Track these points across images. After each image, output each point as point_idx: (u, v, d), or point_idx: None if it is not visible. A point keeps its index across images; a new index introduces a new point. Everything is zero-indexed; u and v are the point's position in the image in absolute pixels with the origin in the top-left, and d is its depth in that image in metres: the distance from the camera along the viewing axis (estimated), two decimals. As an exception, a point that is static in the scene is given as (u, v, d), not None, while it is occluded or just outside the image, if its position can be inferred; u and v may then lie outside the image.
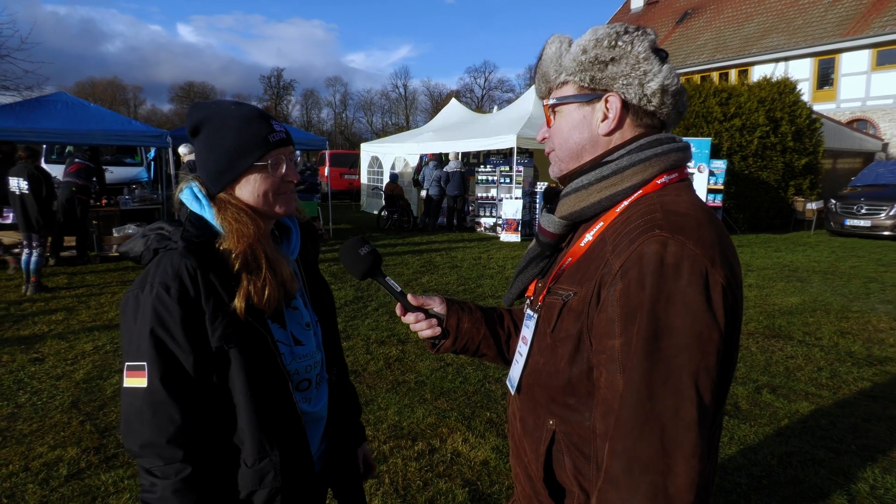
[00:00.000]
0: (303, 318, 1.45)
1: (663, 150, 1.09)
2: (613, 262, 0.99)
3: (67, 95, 11.27)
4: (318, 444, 1.49)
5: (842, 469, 3.37)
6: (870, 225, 12.91)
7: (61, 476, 3.25)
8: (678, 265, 0.92)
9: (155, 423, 1.19)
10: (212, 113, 1.33)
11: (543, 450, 1.11)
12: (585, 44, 1.10)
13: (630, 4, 33.64)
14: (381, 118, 66.27)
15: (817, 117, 15.48)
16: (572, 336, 1.05)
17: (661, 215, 0.99)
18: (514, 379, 1.22)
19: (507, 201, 13.25)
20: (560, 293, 1.09)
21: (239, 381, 1.26)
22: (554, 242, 1.19)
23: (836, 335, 5.90)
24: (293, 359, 1.38)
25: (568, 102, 1.14)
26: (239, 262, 1.26)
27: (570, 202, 1.13)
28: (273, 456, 1.29)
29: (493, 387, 4.53)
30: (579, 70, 1.10)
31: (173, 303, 1.20)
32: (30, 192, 7.39)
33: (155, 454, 1.20)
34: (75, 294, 7.52)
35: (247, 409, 1.27)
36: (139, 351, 1.21)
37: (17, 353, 5.25)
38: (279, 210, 1.36)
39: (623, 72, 1.08)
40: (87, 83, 60.26)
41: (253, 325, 1.27)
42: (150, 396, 1.19)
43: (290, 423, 1.34)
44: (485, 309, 1.44)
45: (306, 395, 1.43)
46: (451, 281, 8.50)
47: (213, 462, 1.27)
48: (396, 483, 3.21)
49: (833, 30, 21.11)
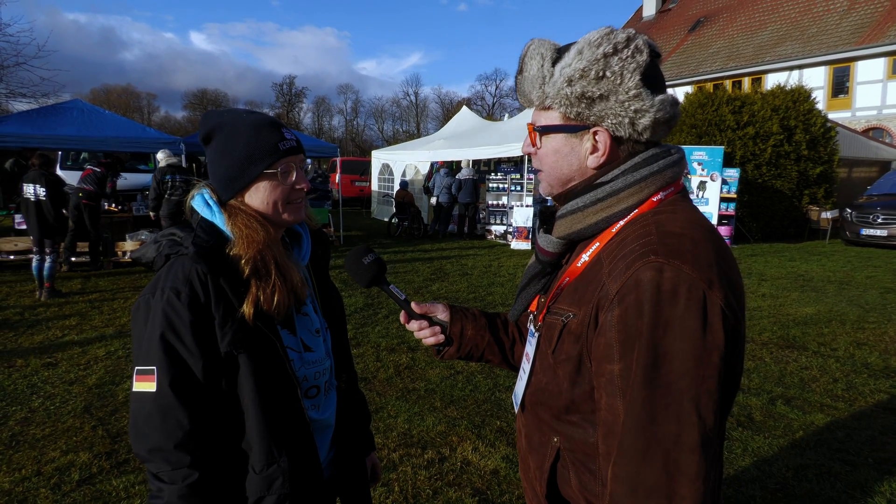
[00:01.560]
0: (313, 325, 1.45)
1: (659, 167, 1.06)
2: (610, 286, 0.98)
3: (83, 103, 11.43)
4: (326, 452, 1.48)
5: (858, 482, 3.31)
6: (886, 234, 12.74)
7: (73, 481, 3.26)
8: (675, 291, 0.91)
9: (163, 428, 1.19)
10: (224, 121, 1.34)
11: (548, 466, 1.11)
12: (571, 74, 1.02)
13: (642, 12, 33.63)
14: (392, 125, 66.59)
15: (832, 126, 15.33)
16: (573, 358, 1.05)
17: (656, 238, 0.97)
18: (518, 396, 1.22)
19: (517, 209, 13.24)
20: (559, 314, 1.09)
21: (247, 387, 1.26)
22: (554, 260, 1.19)
23: (852, 346, 5.82)
24: (302, 365, 1.38)
25: (557, 132, 1.10)
26: (249, 268, 1.26)
27: (566, 223, 1.12)
28: (282, 462, 1.29)
29: (504, 395, 4.51)
30: (565, 104, 1.05)
31: (183, 308, 1.20)
32: (47, 197, 7.49)
33: (163, 459, 1.19)
34: (89, 299, 7.59)
35: (255, 415, 1.27)
36: (149, 355, 1.21)
37: (30, 358, 5.30)
38: (288, 217, 1.36)
39: (613, 110, 1.02)
40: (101, 90, 61.09)
41: (262, 330, 1.27)
42: (159, 401, 1.19)
43: (298, 430, 1.33)
44: (489, 315, 1.44)
45: (315, 402, 1.43)
46: (461, 288, 8.49)
47: (222, 468, 1.26)
48: (406, 491, 3.20)
49: (848, 38, 20.97)
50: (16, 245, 9.59)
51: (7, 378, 4.81)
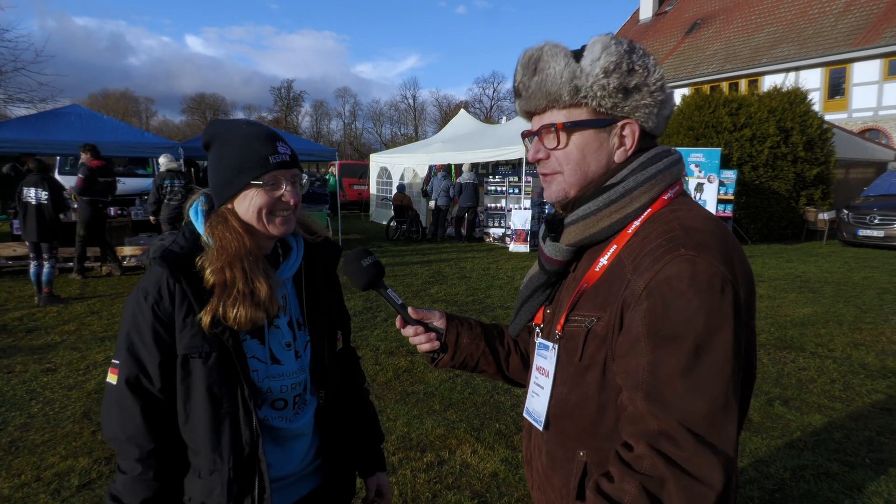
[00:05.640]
0: (283, 338, 1.43)
1: (665, 164, 1.09)
2: (636, 282, 0.98)
3: (81, 108, 11.47)
4: (300, 459, 1.47)
5: (856, 483, 3.33)
6: (883, 235, 12.77)
7: (73, 486, 3.27)
8: (710, 282, 0.93)
9: (119, 420, 1.29)
10: (224, 129, 1.39)
11: (575, 483, 1.09)
12: (605, 65, 1.03)
13: (639, 15, 33.71)
14: (390, 129, 66.63)
15: (829, 127, 15.38)
16: (598, 363, 1.04)
17: (682, 233, 0.99)
18: (540, 413, 1.18)
19: (516, 212, 13.26)
20: (582, 320, 1.08)
21: (199, 392, 1.30)
22: (560, 269, 1.18)
23: (850, 347, 5.84)
24: (266, 376, 1.38)
25: (585, 128, 1.09)
26: (214, 278, 1.29)
27: (577, 229, 1.11)
28: (223, 471, 1.30)
29: (503, 398, 4.52)
30: (602, 95, 1.05)
31: (147, 308, 1.29)
32: (48, 201, 7.52)
33: (118, 447, 1.30)
34: (87, 304, 7.59)
35: (203, 421, 1.30)
36: (118, 350, 1.31)
37: (29, 364, 5.30)
38: (273, 231, 1.36)
39: (645, 102, 1.06)
40: (99, 95, 61.11)
41: (219, 338, 1.30)
42: (117, 394, 1.29)
43: (247, 442, 1.33)
44: (485, 325, 1.44)
45: (282, 415, 1.42)
46: (459, 291, 8.50)
47: (171, 465, 1.32)
48: (405, 495, 3.21)
49: (844, 39, 21.04)
50: (14, 251, 9.57)
51: (6, 384, 4.81)
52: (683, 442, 0.90)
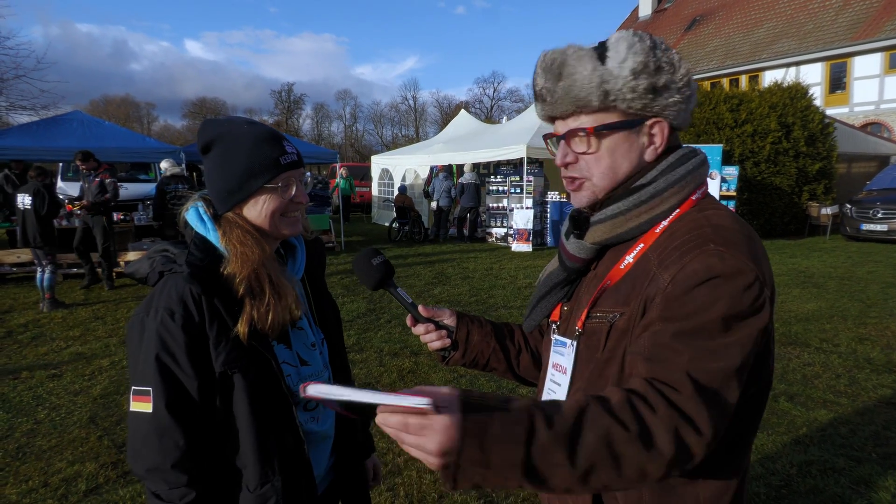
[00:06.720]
0: (308, 339, 1.44)
1: (693, 165, 1.08)
2: (662, 276, 0.98)
3: (83, 114, 11.50)
4: (326, 461, 1.49)
5: (862, 478, 3.32)
6: (886, 229, 12.75)
7: (80, 491, 3.28)
8: (737, 277, 0.93)
9: (160, 448, 1.20)
10: (224, 131, 1.32)
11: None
12: (634, 66, 1.01)
13: (638, 12, 33.71)
14: (391, 130, 66.69)
15: (830, 121, 15.35)
16: (618, 357, 1.04)
17: (710, 230, 0.99)
18: None
19: (517, 211, 13.25)
20: (604, 316, 1.07)
21: (242, 406, 1.26)
22: (582, 267, 1.17)
23: (854, 341, 5.82)
24: (299, 379, 1.37)
25: (615, 131, 1.06)
26: (243, 287, 1.26)
27: (605, 228, 1.09)
28: (275, 482, 1.29)
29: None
30: (632, 98, 1.03)
31: (177, 329, 1.21)
32: (31, 207, 7.53)
33: (160, 478, 1.21)
34: (92, 310, 7.61)
35: (250, 434, 1.27)
36: (145, 376, 1.22)
37: (35, 370, 5.31)
38: (285, 231, 1.35)
39: (674, 100, 1.05)
40: (100, 101, 61.29)
41: (257, 349, 1.26)
42: (155, 422, 1.21)
43: (293, 448, 1.33)
44: (495, 323, 1.44)
45: (314, 415, 1.43)
46: (462, 292, 8.50)
47: (218, 485, 1.28)
48: (412, 496, 3.21)
49: (844, 34, 21.01)
50: (18, 258, 9.61)
51: (12, 390, 4.83)
52: (683, 389, 0.88)
